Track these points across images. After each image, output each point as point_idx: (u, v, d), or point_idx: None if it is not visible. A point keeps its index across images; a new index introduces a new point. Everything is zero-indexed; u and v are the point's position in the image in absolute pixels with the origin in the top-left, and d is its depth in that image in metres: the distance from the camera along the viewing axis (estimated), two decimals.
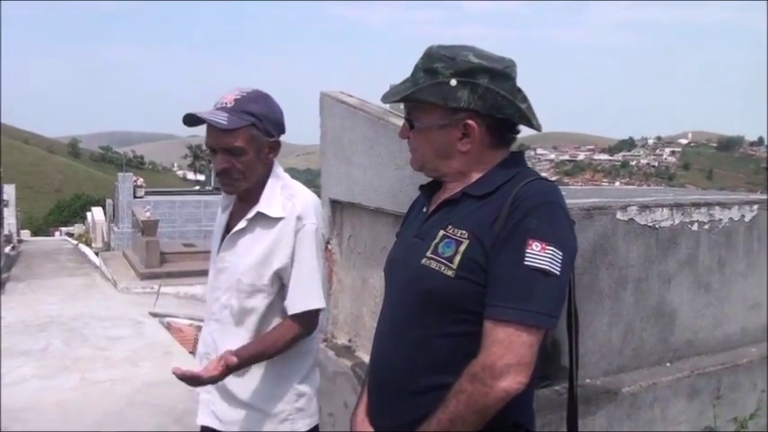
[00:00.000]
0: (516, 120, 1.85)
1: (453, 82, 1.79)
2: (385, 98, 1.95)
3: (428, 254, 1.81)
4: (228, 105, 2.33)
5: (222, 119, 2.29)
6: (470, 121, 1.80)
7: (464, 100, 1.79)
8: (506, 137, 1.89)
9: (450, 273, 1.75)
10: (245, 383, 2.43)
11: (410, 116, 1.91)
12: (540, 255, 1.66)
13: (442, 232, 1.81)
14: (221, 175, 2.39)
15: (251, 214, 2.40)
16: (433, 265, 1.79)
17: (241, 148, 2.33)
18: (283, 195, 2.41)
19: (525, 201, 1.73)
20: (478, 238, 1.74)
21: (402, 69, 1.93)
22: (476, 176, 1.87)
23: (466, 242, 1.75)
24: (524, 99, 1.87)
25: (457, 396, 1.70)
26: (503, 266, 1.69)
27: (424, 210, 1.99)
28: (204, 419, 2.52)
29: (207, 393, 2.50)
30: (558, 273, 1.67)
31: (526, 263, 1.66)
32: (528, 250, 1.67)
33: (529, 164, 1.94)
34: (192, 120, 2.32)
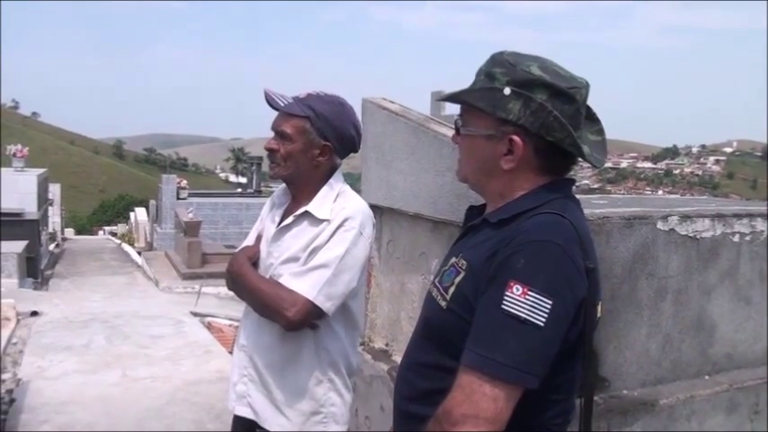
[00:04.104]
0: (566, 147, 1.64)
1: (507, 91, 1.61)
2: (439, 97, 1.83)
3: (435, 280, 1.73)
4: (300, 96, 2.46)
5: (282, 101, 2.44)
6: (516, 137, 1.63)
7: (514, 113, 1.61)
8: (558, 163, 1.70)
9: (443, 303, 1.65)
10: (282, 381, 2.47)
11: (461, 120, 1.75)
12: (520, 300, 1.48)
13: (453, 259, 1.69)
14: (268, 155, 2.50)
15: (299, 212, 2.46)
16: (434, 292, 1.70)
17: (288, 134, 2.43)
18: (336, 202, 2.46)
19: (520, 235, 1.55)
20: (473, 272, 1.60)
21: (443, 75, 1.89)
22: (505, 202, 1.70)
23: (462, 274, 1.63)
24: (598, 130, 1.76)
25: None
26: (482, 307, 1.55)
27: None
28: (241, 410, 2.57)
29: (243, 386, 2.55)
30: (540, 324, 1.47)
31: (503, 307, 1.49)
32: (507, 293, 1.49)
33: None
34: (266, 96, 2.46)
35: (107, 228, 51.98)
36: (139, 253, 26.21)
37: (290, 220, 2.48)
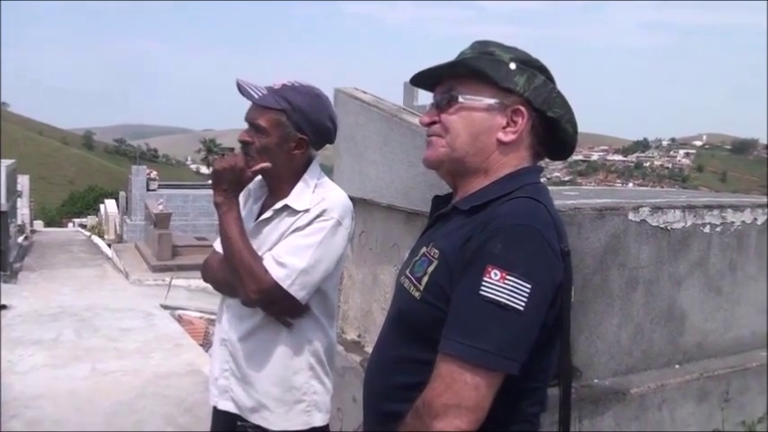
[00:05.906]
0: (563, 123, 1.68)
1: (512, 65, 1.63)
2: (430, 69, 1.71)
3: (407, 271, 1.68)
4: (275, 87, 2.38)
5: (257, 93, 2.35)
6: (521, 107, 1.63)
7: (520, 85, 1.62)
8: (545, 145, 1.71)
9: (416, 294, 1.61)
10: (262, 371, 2.45)
11: (453, 92, 1.67)
12: (498, 285, 1.45)
13: (424, 249, 1.66)
14: (241, 147, 2.42)
15: (278, 206, 2.41)
16: (406, 283, 1.66)
17: (263, 128, 2.35)
18: (315, 194, 2.41)
19: (495, 220, 1.52)
20: (446, 260, 1.57)
21: (419, 69, 1.78)
22: (484, 184, 1.67)
23: (435, 263, 1.59)
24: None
25: (401, 429, 1.56)
26: (459, 294, 1.51)
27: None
28: (224, 405, 2.53)
29: (225, 380, 2.52)
30: (520, 308, 1.44)
31: (481, 293, 1.45)
32: (485, 278, 1.45)
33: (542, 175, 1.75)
34: (239, 86, 2.37)
35: (76, 220, 51.43)
36: (109, 245, 25.98)
37: (268, 214, 2.44)
